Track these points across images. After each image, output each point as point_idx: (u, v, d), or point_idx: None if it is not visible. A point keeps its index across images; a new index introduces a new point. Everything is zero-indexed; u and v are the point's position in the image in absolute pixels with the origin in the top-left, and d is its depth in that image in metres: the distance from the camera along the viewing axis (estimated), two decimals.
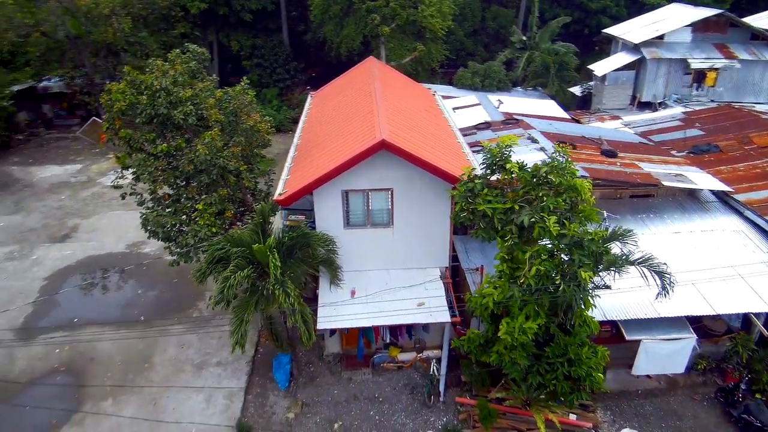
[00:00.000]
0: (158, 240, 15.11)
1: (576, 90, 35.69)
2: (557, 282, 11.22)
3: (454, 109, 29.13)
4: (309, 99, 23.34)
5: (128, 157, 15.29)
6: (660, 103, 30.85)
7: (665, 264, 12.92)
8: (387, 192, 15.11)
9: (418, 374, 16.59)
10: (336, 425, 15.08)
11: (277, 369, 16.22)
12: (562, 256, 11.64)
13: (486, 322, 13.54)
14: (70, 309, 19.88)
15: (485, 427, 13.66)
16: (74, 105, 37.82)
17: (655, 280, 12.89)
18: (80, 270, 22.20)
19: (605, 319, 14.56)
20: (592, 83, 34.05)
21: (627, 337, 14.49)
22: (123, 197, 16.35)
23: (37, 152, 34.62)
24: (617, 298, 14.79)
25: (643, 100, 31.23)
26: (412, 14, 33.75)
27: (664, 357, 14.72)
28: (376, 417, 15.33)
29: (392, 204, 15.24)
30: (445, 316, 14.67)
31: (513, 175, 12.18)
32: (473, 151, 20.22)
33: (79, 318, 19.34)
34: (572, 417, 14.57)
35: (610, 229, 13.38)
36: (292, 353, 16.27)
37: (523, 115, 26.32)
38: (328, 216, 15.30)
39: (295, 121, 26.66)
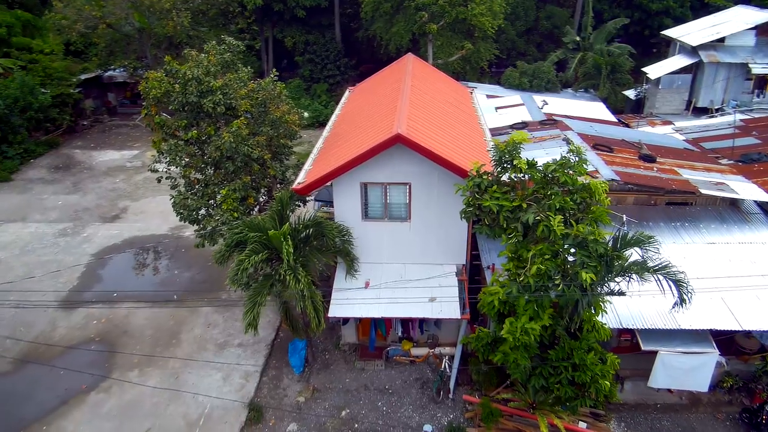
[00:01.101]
0: (185, 222, 15.86)
1: (630, 93, 34.41)
2: (557, 282, 11.01)
3: (496, 108, 28.88)
4: (347, 93, 23.73)
5: (163, 142, 16.10)
6: (717, 110, 29.32)
7: (683, 273, 12.42)
8: (405, 186, 15.25)
9: (431, 369, 16.63)
10: (344, 412, 15.37)
11: (292, 354, 16.68)
12: (567, 256, 11.40)
13: (494, 321, 13.43)
14: (111, 284, 21.14)
15: (487, 426, 13.56)
16: (137, 94, 39.90)
17: (671, 290, 12.43)
18: (124, 248, 23.54)
19: (621, 327, 14.15)
20: (646, 86, 32.75)
21: (643, 347, 13.99)
22: (159, 181, 17.27)
23: (99, 137, 36.83)
24: (636, 305, 14.34)
25: (699, 105, 29.79)
26: (461, 12, 33.54)
27: (683, 371, 14.09)
28: (384, 408, 15.51)
29: (410, 198, 15.37)
30: (455, 313, 14.67)
31: (521, 173, 12.01)
32: None
33: (118, 293, 20.54)
34: (582, 425, 14.22)
35: (630, 234, 13.09)
36: (308, 339, 16.67)
37: (566, 116, 25.72)
38: (346, 207, 15.60)
39: None
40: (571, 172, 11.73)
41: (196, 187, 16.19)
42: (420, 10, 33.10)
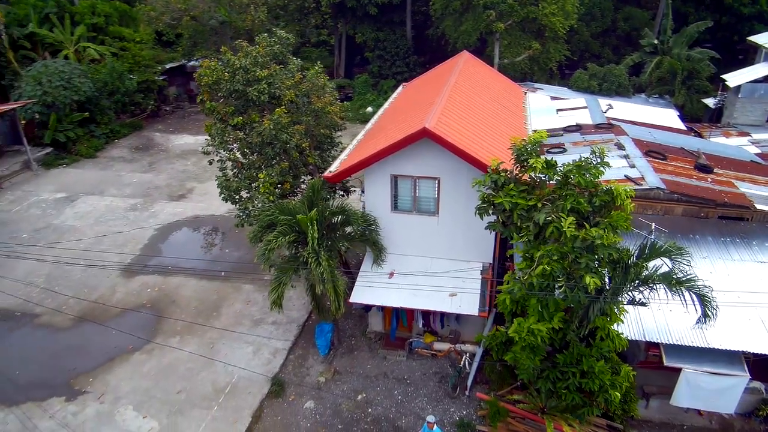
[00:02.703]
0: (227, 202, 16.92)
1: (710, 102, 32.38)
2: (560, 284, 10.87)
3: (557, 110, 28.20)
4: (399, 89, 24.12)
5: (213, 126, 17.23)
6: None
7: (709, 288, 11.86)
8: (434, 181, 15.44)
9: (451, 365, 16.73)
10: (360, 396, 15.84)
11: (319, 335, 17.33)
12: (576, 259, 11.20)
13: (508, 320, 13.40)
14: (168, 257, 22.80)
15: (493, 424, 13.54)
16: None
17: (694, 304, 11.91)
18: (184, 226, 25.26)
19: (645, 340, 13.63)
20: (725, 95, 30.70)
21: (666, 362, 13.40)
22: (210, 163, 18.57)
23: (178, 122, 39.43)
24: (663, 318, 13.77)
25: None
26: (531, 11, 32.98)
27: (709, 392, 13.36)
28: (399, 397, 15.81)
29: (438, 193, 15.55)
30: (473, 310, 14.74)
31: (538, 172, 11.91)
32: (548, 152, 19.71)
33: (173, 266, 22.12)
34: None
35: (659, 244, 12.65)
36: (335, 323, 17.26)
37: (627, 121, 24.73)
38: (376, 198, 16.03)
39: None
40: (588, 175, 11.51)
41: (240, 170, 17.18)
42: (488, 8, 32.85)
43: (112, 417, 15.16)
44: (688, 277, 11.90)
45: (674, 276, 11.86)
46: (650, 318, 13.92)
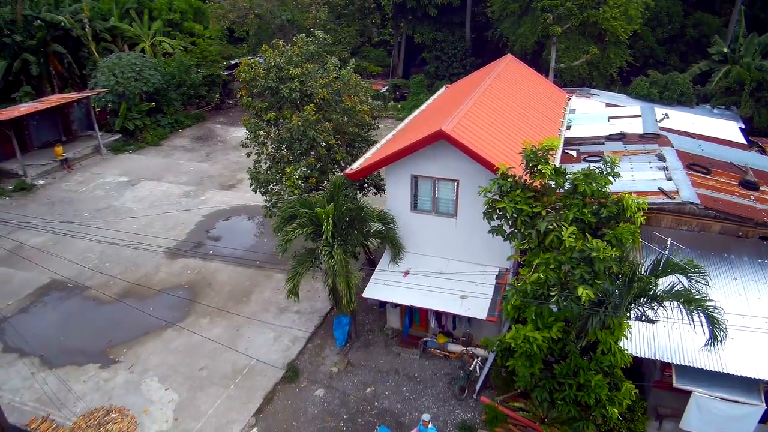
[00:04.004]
0: (256, 192, 17.75)
1: None
2: (553, 293, 10.76)
3: (609, 118, 27.33)
4: (441, 90, 24.21)
5: (249, 121, 18.11)
6: None
7: (718, 308, 11.37)
8: (453, 183, 15.56)
9: (463, 367, 16.78)
10: (368, 389, 16.21)
11: (336, 327, 17.84)
12: (571, 269, 11.04)
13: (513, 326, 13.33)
14: (210, 242, 24.07)
15: (491, 429, 13.53)
16: None
17: (702, 325, 11.45)
18: (230, 214, 26.55)
19: (656, 358, 13.19)
20: None
21: (675, 383, 12.91)
22: (248, 155, 19.53)
23: (238, 116, 41.10)
24: (679, 337, 13.27)
25: None
26: (592, 15, 32.04)
27: (721, 419, 12.74)
28: (407, 394, 16.06)
29: (457, 195, 15.65)
30: (481, 314, 14.76)
31: (545, 179, 11.80)
32: (585, 160, 19.30)
33: (214, 251, 23.35)
34: None
35: (674, 260, 12.25)
36: (353, 316, 17.71)
37: (680, 132, 23.65)
38: (397, 197, 16.32)
39: None
40: (595, 184, 11.32)
41: (273, 163, 17.97)
42: (546, 11, 32.22)
43: (138, 386, 16.33)
44: (698, 296, 11.45)
45: (683, 294, 11.44)
46: (664, 336, 13.47)
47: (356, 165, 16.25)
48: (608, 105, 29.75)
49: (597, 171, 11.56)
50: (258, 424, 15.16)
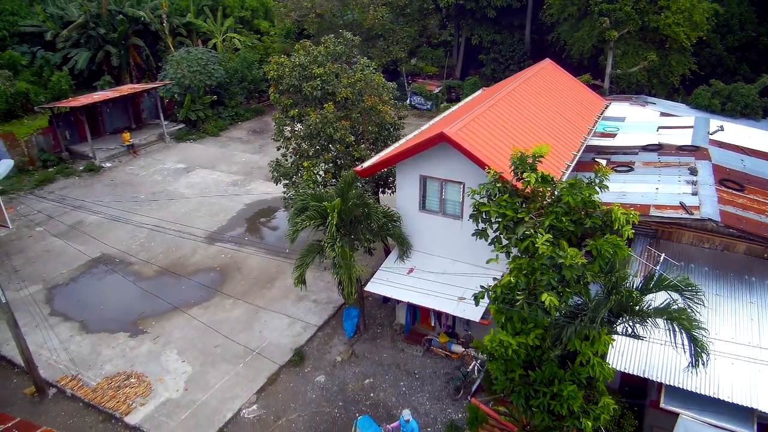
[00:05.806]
0: (276, 183, 18.74)
1: None
2: (518, 297, 10.83)
3: (658, 128, 26.28)
4: (477, 92, 24.22)
5: (276, 117, 19.08)
6: None
7: (702, 328, 10.98)
8: (459, 185, 15.76)
9: (459, 367, 16.94)
10: (367, 380, 16.74)
11: (346, 319, 18.49)
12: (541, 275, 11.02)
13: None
14: (246, 230, 25.43)
15: (471, 429, 13.68)
16: None
17: (682, 344, 11.11)
18: (269, 204, 27.87)
19: (644, 376, 12.86)
20: None
21: (662, 404, 12.53)
22: (278, 149, 20.57)
23: None
24: (671, 356, 12.84)
25: None
26: (652, 20, 30.76)
27: None
28: (404, 388, 16.44)
29: (463, 197, 15.83)
30: (475, 316, 14.90)
31: (532, 186, 11.80)
32: (615, 170, 18.88)
33: (249, 238, 24.67)
34: None
35: (666, 277, 11.94)
36: (362, 309, 18.28)
37: (730, 146, 22.40)
38: (406, 196, 16.72)
39: None
40: (578, 194, 11.23)
41: (295, 157, 18.86)
42: (603, 15, 31.27)
43: (158, 356, 17.72)
44: (685, 314, 11.10)
45: (665, 310, 11.15)
46: (658, 354, 13.10)
47: (367, 163, 16.78)
48: (663, 114, 28.54)
49: (584, 181, 11.46)
50: (258, 402, 16.08)
